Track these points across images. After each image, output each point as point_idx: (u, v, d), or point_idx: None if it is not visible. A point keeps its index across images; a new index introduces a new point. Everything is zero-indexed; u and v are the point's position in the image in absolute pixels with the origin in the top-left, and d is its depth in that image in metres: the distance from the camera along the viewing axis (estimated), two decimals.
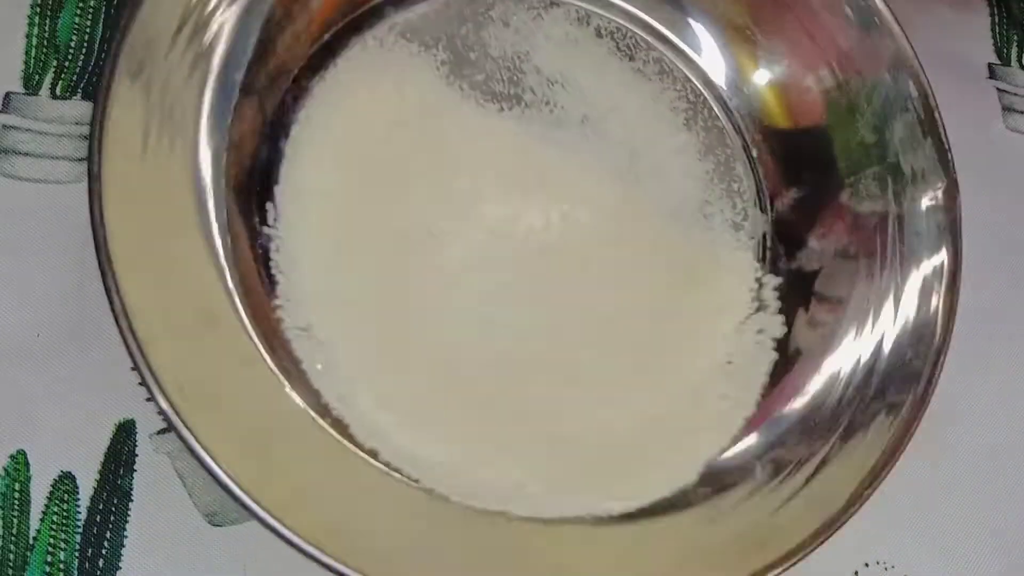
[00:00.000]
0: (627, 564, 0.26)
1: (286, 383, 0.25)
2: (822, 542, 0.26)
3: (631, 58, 0.33)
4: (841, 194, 0.31)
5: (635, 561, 0.26)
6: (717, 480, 0.28)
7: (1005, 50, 0.39)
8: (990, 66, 0.38)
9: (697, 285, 0.31)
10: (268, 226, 0.28)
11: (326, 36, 0.30)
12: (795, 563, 0.25)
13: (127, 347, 0.22)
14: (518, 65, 0.32)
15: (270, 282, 0.27)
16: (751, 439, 0.29)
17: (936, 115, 0.31)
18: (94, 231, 0.23)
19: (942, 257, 0.30)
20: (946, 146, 0.30)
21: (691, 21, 0.33)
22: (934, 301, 0.29)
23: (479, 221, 0.30)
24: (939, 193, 0.30)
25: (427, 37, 0.31)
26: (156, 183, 0.25)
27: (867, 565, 0.30)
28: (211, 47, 0.27)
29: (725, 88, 0.33)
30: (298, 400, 0.25)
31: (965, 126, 0.33)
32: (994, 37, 0.39)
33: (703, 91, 0.33)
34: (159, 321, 0.23)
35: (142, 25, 0.25)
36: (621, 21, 0.33)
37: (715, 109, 0.33)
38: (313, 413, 0.25)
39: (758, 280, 0.31)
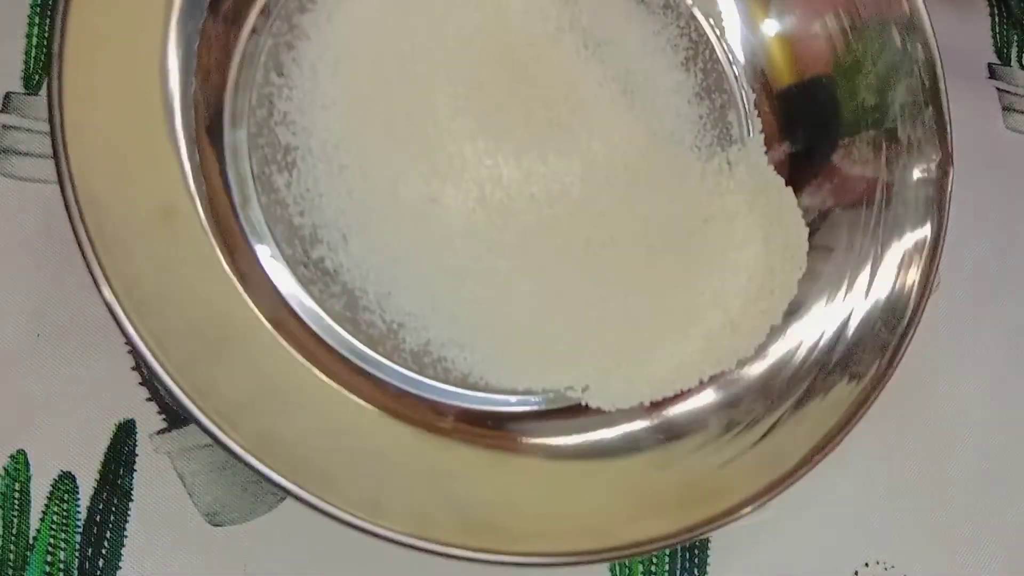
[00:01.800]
0: (570, 500, 0.26)
1: (241, 288, 0.25)
2: (765, 502, 0.25)
3: None
4: (834, 155, 0.31)
5: (579, 498, 0.26)
6: (670, 429, 0.27)
7: (1005, 50, 0.39)
8: (990, 66, 0.38)
9: (685, 233, 0.30)
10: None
11: None
12: (734, 519, 0.25)
13: (78, 240, 0.22)
14: None
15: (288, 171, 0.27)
16: (708, 393, 0.28)
17: (941, 85, 0.30)
18: (51, 109, 0.22)
19: (926, 231, 0.29)
20: (946, 117, 0.29)
21: None
22: (911, 274, 0.28)
23: (472, 122, 0.29)
24: (932, 165, 0.29)
25: None
26: (122, 78, 0.24)
27: (867, 565, 0.30)
28: None
29: (729, 31, 0.32)
30: (252, 305, 0.25)
31: (965, 126, 0.33)
32: (994, 37, 0.39)
33: (707, 31, 0.32)
34: (115, 214, 0.22)
35: None
36: None
37: (716, 52, 0.32)
38: (264, 319, 0.25)
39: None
